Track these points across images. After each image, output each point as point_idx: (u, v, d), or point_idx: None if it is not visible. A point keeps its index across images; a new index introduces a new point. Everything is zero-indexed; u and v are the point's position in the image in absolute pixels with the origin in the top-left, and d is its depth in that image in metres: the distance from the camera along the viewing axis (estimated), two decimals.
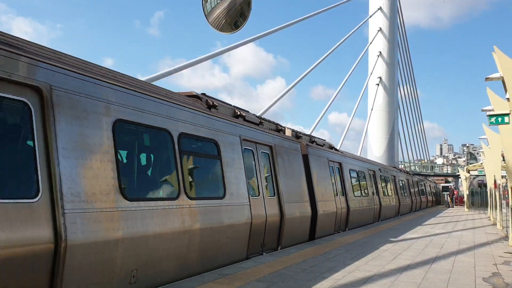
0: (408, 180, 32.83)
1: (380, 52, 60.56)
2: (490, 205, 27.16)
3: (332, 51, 39.30)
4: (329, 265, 8.61)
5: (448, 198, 50.54)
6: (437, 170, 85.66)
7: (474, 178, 47.94)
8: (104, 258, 5.54)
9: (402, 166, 66.06)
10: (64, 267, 5.00)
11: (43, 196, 4.93)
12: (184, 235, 7.06)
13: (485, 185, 37.14)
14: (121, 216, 5.83)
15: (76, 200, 5.27)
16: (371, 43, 59.89)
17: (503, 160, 15.80)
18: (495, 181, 21.33)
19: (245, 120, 10.35)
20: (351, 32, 46.00)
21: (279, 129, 12.73)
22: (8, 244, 4.44)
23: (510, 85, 10.85)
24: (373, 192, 21.14)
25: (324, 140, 17.27)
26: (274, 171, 11.02)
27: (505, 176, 16.81)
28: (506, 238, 14.60)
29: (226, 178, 8.61)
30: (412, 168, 74.60)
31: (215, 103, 9.17)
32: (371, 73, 58.90)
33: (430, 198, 45.94)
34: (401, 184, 29.53)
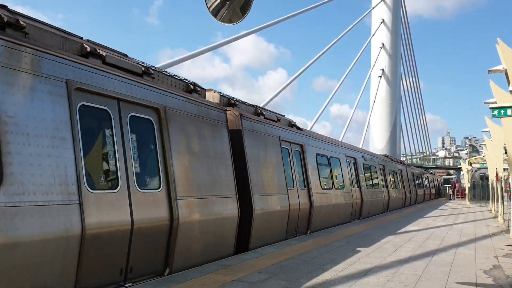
0: (402, 171, 30.54)
1: (383, 44, 60.28)
2: (492, 198, 27.16)
3: (334, 43, 39.17)
4: (330, 257, 8.64)
5: (450, 190, 50.60)
6: (439, 163, 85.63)
7: (476, 171, 47.91)
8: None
9: (404, 158, 66.04)
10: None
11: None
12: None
13: (487, 178, 37.11)
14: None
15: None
16: (373, 34, 59.59)
17: (505, 153, 15.78)
18: (497, 174, 21.31)
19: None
20: (353, 24, 45.80)
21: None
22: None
23: None
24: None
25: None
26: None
27: (507, 169, 16.80)
28: (507, 231, 14.62)
29: None
30: (414, 160, 74.59)
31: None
32: (374, 65, 58.69)
33: (429, 191, 45.68)
34: (392, 176, 26.76)
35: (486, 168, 32.00)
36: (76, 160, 5.43)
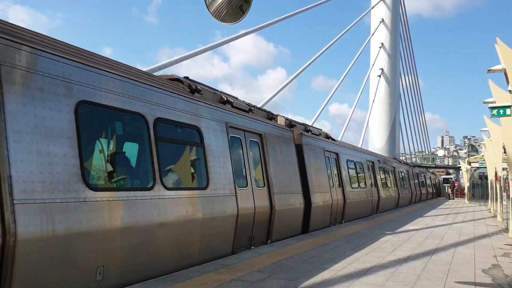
0: (408, 171, 32.89)
1: (382, 44, 60.31)
2: (491, 197, 27.19)
3: (333, 42, 39.16)
4: (329, 256, 8.65)
5: (449, 190, 50.64)
6: (438, 162, 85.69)
7: (475, 170, 47.96)
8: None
9: (403, 158, 66.06)
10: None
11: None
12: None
13: (486, 177, 37.17)
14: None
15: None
16: (373, 34, 59.61)
17: (504, 152, 15.80)
18: (496, 173, 21.34)
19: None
20: (352, 24, 45.81)
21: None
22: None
23: None
24: (371, 184, 20.92)
25: (321, 129, 16.92)
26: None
27: (506, 168, 16.82)
28: (506, 230, 14.64)
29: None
30: (413, 160, 74.65)
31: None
32: (373, 65, 58.71)
33: (429, 190, 45.90)
34: (401, 176, 29.51)
35: (485, 167, 32.03)
36: (233, 170, 9.03)
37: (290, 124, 13.61)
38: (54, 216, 5.03)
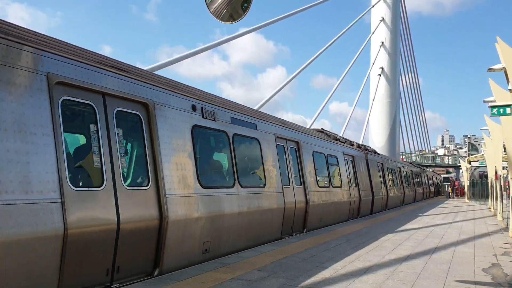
0: (412, 171, 35.31)
1: (383, 42, 60.23)
2: (491, 196, 27.20)
3: (334, 41, 39.11)
4: (329, 255, 8.66)
5: (449, 189, 50.65)
6: (438, 161, 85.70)
7: (475, 169, 48.01)
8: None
9: (403, 156, 66.08)
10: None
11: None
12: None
13: (486, 176, 37.18)
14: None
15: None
16: (373, 33, 59.56)
17: (504, 151, 15.80)
18: (496, 172, 21.33)
19: (340, 141, 18.24)
20: (352, 22, 45.74)
21: (352, 143, 20.74)
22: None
23: None
24: (400, 184, 28.58)
25: (370, 147, 25.95)
26: (357, 172, 18.71)
27: (506, 167, 16.82)
28: (506, 229, 14.64)
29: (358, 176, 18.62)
30: (414, 159, 74.64)
31: (327, 132, 18.05)
32: (373, 63, 58.67)
33: (429, 189, 45.96)
34: (406, 176, 32.09)
35: (485, 166, 32.05)
36: (348, 176, 16.34)
37: (358, 145, 21.35)
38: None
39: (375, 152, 24.54)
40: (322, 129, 18.42)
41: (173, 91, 7.78)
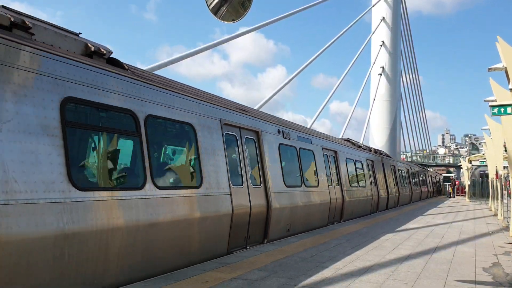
0: (418, 172, 38.36)
1: (383, 42, 60.16)
2: (491, 196, 27.18)
3: (334, 40, 39.09)
4: (329, 255, 8.65)
5: (450, 188, 50.62)
6: (438, 161, 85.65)
7: (475, 168, 47.95)
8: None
9: (404, 156, 66.04)
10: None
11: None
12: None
13: (487, 176, 37.13)
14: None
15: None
16: (373, 32, 59.51)
17: (505, 150, 15.78)
18: (496, 172, 21.32)
19: (362, 148, 21.71)
20: (353, 22, 45.69)
21: (371, 149, 23.71)
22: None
23: None
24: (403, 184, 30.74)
25: (383, 151, 28.84)
26: (376, 174, 21.93)
27: (507, 166, 16.81)
28: (506, 228, 14.64)
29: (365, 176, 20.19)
30: (414, 158, 74.59)
31: (353, 141, 21.56)
32: (374, 63, 58.61)
33: (431, 188, 46.02)
34: (414, 176, 35.34)
35: (486, 166, 32.02)
36: (371, 178, 20.87)
37: (375, 151, 24.22)
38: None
39: (387, 155, 27.75)
40: (348, 138, 22.72)
41: (269, 122, 11.38)
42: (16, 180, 4.80)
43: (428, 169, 53.17)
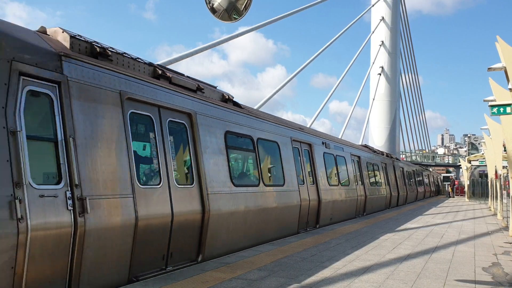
0: (422, 172, 41.32)
1: (383, 42, 60.18)
2: (491, 195, 27.19)
3: (333, 40, 39.11)
4: (329, 254, 8.65)
5: (449, 188, 50.64)
6: (438, 160, 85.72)
7: (475, 168, 47.96)
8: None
9: (404, 156, 66.08)
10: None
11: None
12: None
13: (486, 176, 37.15)
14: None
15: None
16: (373, 32, 59.52)
17: (504, 150, 15.78)
18: (496, 172, 21.33)
19: (377, 153, 24.20)
20: (353, 22, 45.70)
21: (383, 153, 26.23)
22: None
23: None
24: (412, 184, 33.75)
25: (393, 154, 32.04)
26: (388, 175, 25.20)
27: (506, 166, 16.81)
28: (506, 228, 14.64)
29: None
30: (414, 158, 74.64)
31: (369, 147, 24.48)
32: (373, 63, 58.63)
33: (430, 188, 46.11)
34: (420, 177, 38.71)
35: (485, 165, 32.03)
36: (386, 178, 24.54)
37: (386, 154, 26.80)
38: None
39: (397, 158, 31.10)
40: (366, 144, 27.13)
41: (316, 136, 14.87)
42: (213, 181, 8.19)
43: (429, 169, 53.76)
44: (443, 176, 62.99)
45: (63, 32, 6.02)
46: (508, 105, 11.29)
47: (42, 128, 5.40)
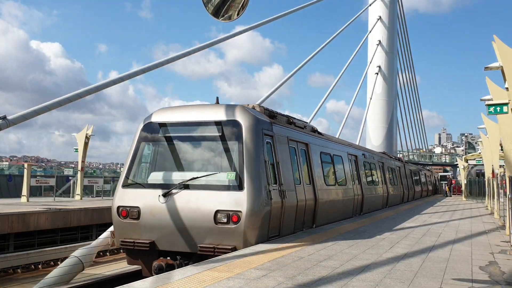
0: (425, 173, 46.09)
1: (380, 41, 60.16)
2: (488, 195, 27.26)
3: (330, 40, 39.05)
4: (326, 253, 8.65)
5: (446, 187, 50.75)
6: (435, 159, 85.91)
7: (472, 167, 48.06)
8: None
9: (401, 155, 66.19)
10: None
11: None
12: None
13: (483, 175, 37.27)
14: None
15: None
16: (370, 32, 59.54)
17: (501, 149, 15.82)
18: (493, 171, 21.38)
19: (393, 158, 29.86)
20: (349, 22, 45.57)
21: (397, 158, 32.44)
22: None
23: (509, 75, 10.83)
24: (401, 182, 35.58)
25: (403, 158, 39.39)
26: (401, 176, 29.47)
27: (503, 165, 16.85)
28: (503, 227, 14.68)
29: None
30: (411, 157, 74.78)
31: (387, 154, 30.51)
32: (370, 62, 58.64)
33: (427, 187, 46.26)
34: (422, 177, 42.72)
35: (482, 164, 32.12)
36: (401, 179, 29.77)
37: (396, 157, 33.23)
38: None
39: (406, 161, 36.86)
40: (384, 152, 33.43)
41: (359, 149, 20.56)
42: (318, 182, 13.11)
43: (428, 168, 54.97)
44: (440, 175, 63.12)
45: (259, 106, 11.22)
46: (505, 104, 11.30)
47: (270, 157, 10.06)
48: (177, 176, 9.66)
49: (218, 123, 9.64)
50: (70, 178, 33.29)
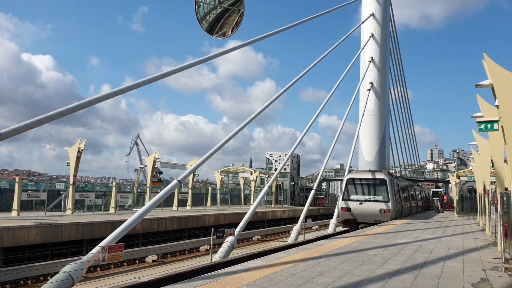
0: (420, 189, 48.98)
1: (372, 58, 60.67)
2: (480, 211, 27.36)
3: (323, 57, 39.36)
4: (319, 270, 8.63)
5: (438, 203, 50.90)
6: (427, 175, 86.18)
7: (464, 183, 48.27)
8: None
9: (393, 171, 66.37)
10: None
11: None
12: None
13: (475, 191, 37.45)
14: None
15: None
16: (362, 49, 60.08)
17: (492, 166, 15.94)
18: (484, 187, 21.51)
19: (415, 181, 54.58)
20: (342, 39, 45.86)
21: (416, 181, 52.84)
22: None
23: (499, 93, 10.97)
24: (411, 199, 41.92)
25: (419, 182, 58.78)
26: (419, 195, 43.54)
27: (494, 182, 16.97)
28: (494, 243, 14.71)
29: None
30: (403, 173, 74.97)
31: (413, 179, 61.24)
32: (363, 79, 59.05)
33: (421, 203, 46.74)
34: (418, 192, 45.33)
35: (474, 181, 32.30)
36: (414, 195, 42.14)
37: (416, 181, 53.96)
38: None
39: (397, 177, 41.61)
40: (410, 177, 47.17)
41: (408, 180, 43.88)
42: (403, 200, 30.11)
43: (420, 184, 58.86)
44: (432, 191, 63.34)
45: (386, 171, 29.71)
46: (495, 121, 11.43)
47: (395, 190, 28.52)
48: (362, 198, 26.18)
49: (376, 179, 26.74)
50: (61, 192, 32.98)
